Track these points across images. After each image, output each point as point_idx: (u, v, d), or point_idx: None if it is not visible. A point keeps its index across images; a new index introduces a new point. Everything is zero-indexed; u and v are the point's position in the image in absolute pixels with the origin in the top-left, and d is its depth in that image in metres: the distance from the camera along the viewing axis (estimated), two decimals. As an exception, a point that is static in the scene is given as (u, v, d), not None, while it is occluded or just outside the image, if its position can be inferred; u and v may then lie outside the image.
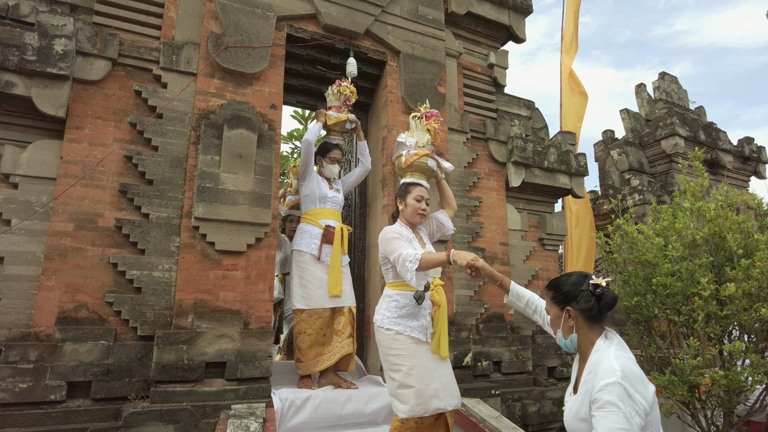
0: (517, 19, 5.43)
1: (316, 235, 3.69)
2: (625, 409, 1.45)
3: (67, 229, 3.19)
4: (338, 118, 3.94)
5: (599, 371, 1.57)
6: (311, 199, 3.84)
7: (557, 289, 1.81)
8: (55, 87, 3.20)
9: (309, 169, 3.86)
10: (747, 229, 3.45)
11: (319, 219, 3.76)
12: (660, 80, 9.69)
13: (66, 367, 2.98)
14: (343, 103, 4.00)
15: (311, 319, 3.56)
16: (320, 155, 3.99)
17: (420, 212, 2.91)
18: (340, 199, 3.95)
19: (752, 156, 9.17)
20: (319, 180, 3.91)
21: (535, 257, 5.22)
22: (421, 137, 3.16)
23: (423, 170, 3.15)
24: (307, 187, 3.85)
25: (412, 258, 2.56)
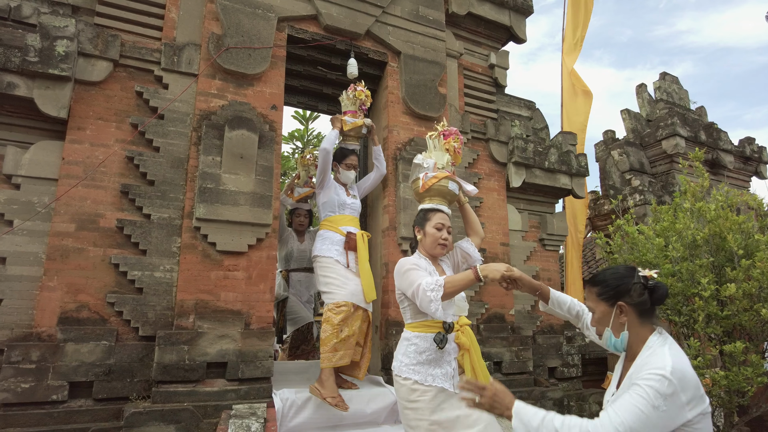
0: (518, 19, 5.44)
1: (338, 242, 3.63)
2: (655, 400, 1.37)
3: (69, 230, 3.20)
4: (355, 123, 3.87)
5: (650, 363, 1.48)
6: (330, 206, 3.77)
7: (605, 283, 1.67)
8: (57, 88, 3.21)
9: (327, 177, 3.77)
10: (747, 230, 3.45)
11: (340, 225, 3.69)
12: (661, 80, 9.69)
13: (68, 367, 2.99)
14: (358, 108, 3.93)
15: (337, 309, 3.39)
16: (336, 161, 3.90)
17: (441, 242, 2.48)
18: (358, 205, 3.90)
19: (753, 156, 9.16)
20: (336, 186, 3.84)
21: (536, 257, 5.22)
22: (440, 158, 2.81)
23: (443, 194, 2.72)
24: (325, 194, 3.78)
25: (433, 285, 2.16)
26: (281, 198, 4.63)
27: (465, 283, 2.14)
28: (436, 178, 2.69)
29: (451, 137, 2.90)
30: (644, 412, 1.38)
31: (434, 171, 2.75)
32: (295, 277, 4.83)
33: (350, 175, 3.91)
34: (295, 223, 4.92)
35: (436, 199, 2.72)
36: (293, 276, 4.83)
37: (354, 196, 3.92)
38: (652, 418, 1.37)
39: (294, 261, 4.83)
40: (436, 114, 4.57)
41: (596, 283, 1.71)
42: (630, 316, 1.62)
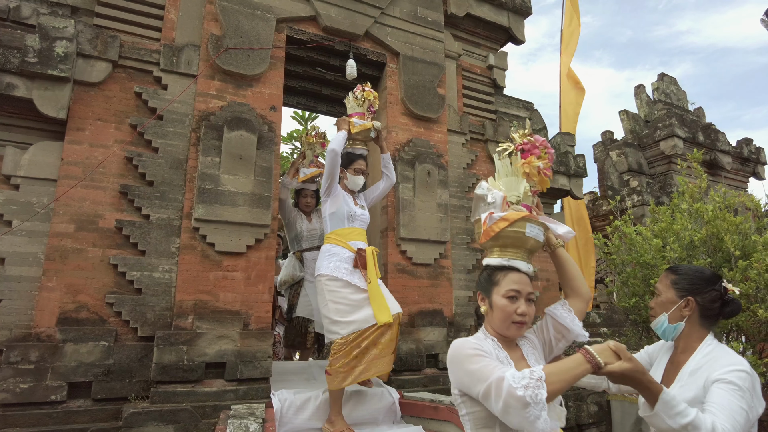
0: (517, 20, 5.45)
1: (346, 259, 3.31)
2: (750, 397, 1.46)
3: (68, 230, 3.20)
4: (363, 125, 3.56)
5: (722, 359, 1.57)
6: (339, 217, 3.45)
7: (684, 276, 1.75)
8: (56, 89, 3.21)
9: (335, 183, 3.48)
10: (745, 231, 3.46)
11: (349, 240, 3.37)
12: (659, 81, 9.71)
13: (67, 367, 2.99)
14: (366, 110, 3.67)
15: (346, 341, 3.13)
16: (343, 166, 3.59)
17: (517, 320, 1.62)
18: (367, 216, 3.61)
19: (751, 157, 9.19)
20: (344, 195, 3.52)
21: (535, 258, 5.20)
22: (514, 186, 1.84)
23: (520, 244, 1.75)
24: (334, 204, 3.46)
25: (527, 380, 1.37)
26: (283, 180, 4.45)
27: (576, 374, 1.39)
28: (506, 220, 1.71)
29: (534, 153, 1.85)
30: (744, 409, 1.45)
31: (504, 209, 1.78)
32: (309, 256, 4.50)
33: (359, 181, 3.63)
34: (302, 203, 4.68)
35: (509, 252, 1.75)
36: (307, 255, 4.52)
37: (362, 207, 3.62)
38: (749, 414, 1.46)
39: (306, 240, 4.58)
40: (434, 115, 4.58)
41: (676, 272, 1.78)
42: (693, 314, 1.70)
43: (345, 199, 3.49)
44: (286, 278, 4.23)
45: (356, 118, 3.62)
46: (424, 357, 4.07)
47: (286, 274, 4.24)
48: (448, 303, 4.36)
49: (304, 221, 4.62)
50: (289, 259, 4.43)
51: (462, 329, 4.30)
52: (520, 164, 1.83)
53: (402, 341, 3.99)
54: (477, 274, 4.68)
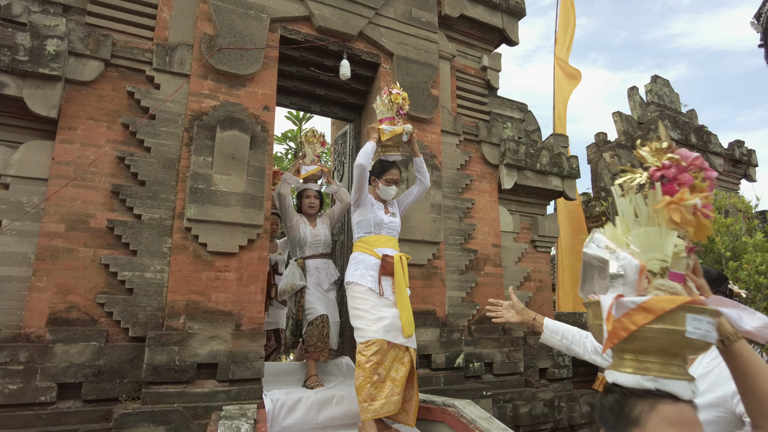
0: (511, 22, 5.47)
1: (372, 266, 3.26)
2: None
3: (59, 230, 3.18)
4: (393, 131, 3.39)
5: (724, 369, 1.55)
6: (365, 224, 3.41)
7: None
8: (47, 87, 3.19)
9: (363, 195, 3.41)
10: (735, 232, 3.49)
11: (375, 247, 3.33)
12: (652, 83, 9.77)
13: (57, 368, 2.97)
14: (396, 113, 3.46)
15: (367, 350, 3.08)
16: (375, 176, 3.52)
17: None
18: (396, 224, 3.52)
19: (743, 159, 9.26)
20: (374, 203, 3.46)
21: (528, 259, 5.25)
22: (655, 241, 1.01)
23: (676, 350, 0.94)
24: (361, 212, 3.42)
25: None
26: (285, 176, 4.28)
27: None
28: (650, 312, 0.92)
29: (683, 183, 1.04)
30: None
31: (641, 285, 0.99)
32: (312, 264, 4.18)
33: (391, 192, 3.51)
34: (305, 205, 4.34)
35: (655, 363, 0.95)
36: (310, 263, 4.17)
37: (393, 214, 3.54)
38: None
39: (309, 247, 4.21)
40: (428, 116, 4.59)
41: None
42: None
43: (373, 207, 3.43)
44: (285, 287, 4.05)
45: (386, 123, 3.42)
46: (417, 358, 4.07)
47: (286, 283, 4.04)
48: (441, 304, 4.36)
49: (307, 226, 4.24)
50: (289, 267, 4.15)
51: (455, 330, 4.31)
52: (664, 203, 1.02)
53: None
54: (470, 275, 4.69)
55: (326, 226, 4.34)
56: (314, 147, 4.49)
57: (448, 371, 4.18)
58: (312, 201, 4.33)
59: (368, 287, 3.20)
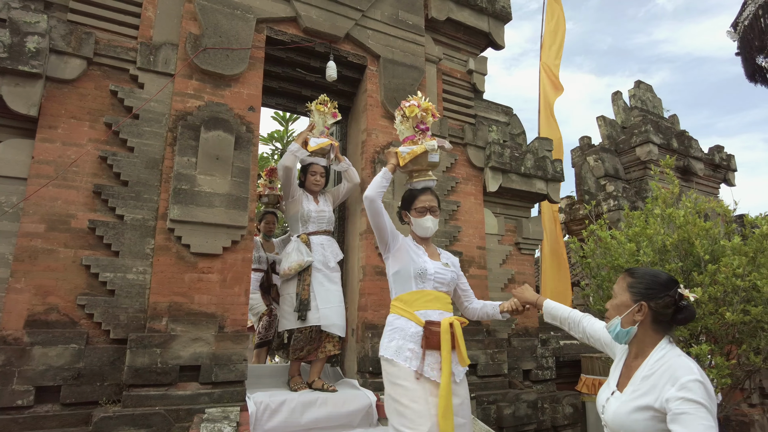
0: (497, 26, 5.51)
1: (412, 336, 2.40)
2: (710, 407, 1.45)
3: (39, 230, 3.12)
4: (413, 152, 2.66)
5: (675, 367, 1.54)
6: (404, 277, 2.53)
7: (640, 280, 1.72)
8: (28, 85, 3.14)
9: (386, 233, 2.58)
10: (714, 235, 3.55)
11: (417, 309, 2.45)
12: (636, 88, 9.92)
13: (35, 371, 2.92)
14: (415, 129, 2.78)
15: None
16: (404, 209, 2.76)
17: None
18: (447, 276, 2.57)
19: (722, 164, 9.44)
20: (410, 246, 2.62)
21: (512, 261, 5.29)
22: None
23: None
24: (399, 260, 2.56)
25: None
26: (291, 147, 3.84)
27: None
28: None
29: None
30: (713, 425, 1.44)
31: None
32: (317, 240, 3.85)
33: (427, 223, 2.64)
34: (310, 181, 3.96)
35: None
36: (314, 239, 3.83)
37: (445, 265, 2.63)
38: (715, 423, 1.45)
39: (312, 223, 3.88)
40: (414, 118, 4.60)
41: (633, 275, 1.76)
42: (645, 318, 1.68)
43: (412, 253, 2.58)
44: (292, 265, 3.62)
45: (405, 145, 2.73)
46: (402, 359, 4.07)
47: (294, 260, 3.63)
48: (426, 305, 4.37)
49: (311, 202, 3.93)
50: (294, 243, 3.76)
51: (440, 332, 4.32)
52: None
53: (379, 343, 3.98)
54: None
55: (329, 203, 4.06)
56: (325, 117, 4.00)
57: (433, 373, 4.19)
58: (318, 179, 3.99)
59: (408, 367, 2.35)
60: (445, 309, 2.52)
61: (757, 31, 5.11)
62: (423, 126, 2.76)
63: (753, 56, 5.42)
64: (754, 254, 3.34)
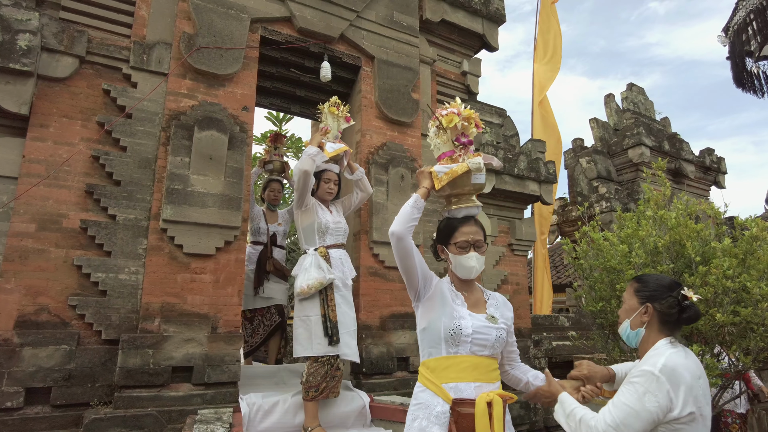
0: (491, 28, 5.53)
1: (437, 418, 1.84)
2: (644, 397, 1.54)
3: (29, 230, 3.09)
4: (453, 172, 2.04)
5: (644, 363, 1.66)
6: (433, 338, 1.93)
7: (645, 284, 1.83)
8: (18, 83, 3.11)
9: (418, 278, 2.02)
10: (705, 237, 3.58)
11: (445, 381, 1.87)
12: (628, 91, 9.99)
13: (24, 372, 2.89)
14: (455, 143, 2.16)
15: None
16: (441, 243, 2.12)
17: None
18: (492, 336, 1.92)
19: (713, 166, 9.53)
20: (450, 295, 2.00)
21: (505, 262, 5.31)
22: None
23: None
24: (428, 312, 1.97)
25: None
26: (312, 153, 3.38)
27: None
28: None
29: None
30: (633, 408, 1.55)
31: None
32: (335, 254, 3.49)
33: (470, 262, 2.00)
34: (323, 190, 3.58)
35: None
36: (332, 253, 3.47)
37: (491, 317, 1.97)
38: (640, 413, 1.54)
39: (330, 235, 3.51)
40: (409, 119, 4.61)
41: (639, 281, 1.87)
42: (651, 320, 1.78)
43: (448, 302, 1.96)
44: (313, 283, 3.20)
45: (440, 164, 2.14)
46: (395, 360, 4.08)
47: (314, 278, 3.21)
48: (419, 306, 4.37)
49: (326, 212, 3.57)
50: (311, 258, 3.32)
51: (433, 332, 4.33)
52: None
53: (373, 344, 3.99)
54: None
55: (341, 214, 3.72)
56: (339, 121, 3.72)
57: (426, 374, 4.19)
58: (332, 186, 3.64)
59: None
60: (486, 380, 1.89)
61: (747, 36, 5.17)
62: (465, 139, 2.19)
63: (742, 61, 5.48)
64: (744, 256, 3.37)
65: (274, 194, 5.03)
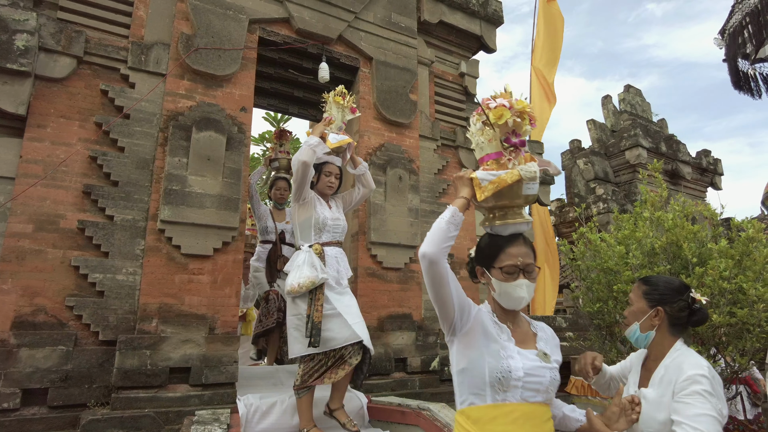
0: (489, 29, 5.54)
1: None
2: (713, 401, 1.53)
3: (26, 231, 3.09)
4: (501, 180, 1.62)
5: (685, 365, 1.64)
6: (475, 381, 1.58)
7: (655, 287, 1.82)
8: (16, 83, 3.10)
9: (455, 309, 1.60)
10: (701, 239, 3.60)
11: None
12: (625, 92, 10.02)
13: (21, 373, 2.88)
14: (504, 143, 1.70)
15: None
16: (482, 265, 1.72)
17: None
18: (546, 378, 1.57)
19: (709, 168, 9.56)
20: (493, 328, 1.63)
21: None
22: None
23: None
24: (468, 350, 1.62)
25: None
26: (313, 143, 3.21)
27: None
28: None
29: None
30: (712, 415, 1.53)
31: None
32: (331, 252, 3.33)
33: (523, 293, 1.63)
34: (323, 183, 3.41)
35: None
36: (328, 251, 3.31)
37: (543, 354, 1.63)
38: (717, 417, 1.54)
39: (327, 232, 3.36)
40: (407, 120, 4.62)
41: (647, 283, 1.86)
42: (662, 323, 1.78)
43: (492, 338, 1.60)
44: (303, 282, 3.06)
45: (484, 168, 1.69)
46: (393, 361, 4.08)
47: (305, 276, 3.08)
48: (417, 307, 4.39)
49: (324, 207, 3.41)
50: (304, 255, 3.18)
51: (431, 333, 4.33)
52: None
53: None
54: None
55: (341, 210, 3.55)
56: (344, 112, 3.55)
57: (424, 374, 4.20)
58: (333, 180, 3.46)
59: None
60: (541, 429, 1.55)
61: (743, 39, 5.18)
62: (517, 139, 1.73)
63: (738, 64, 5.50)
64: (740, 257, 3.39)
65: (280, 193, 4.93)
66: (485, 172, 1.67)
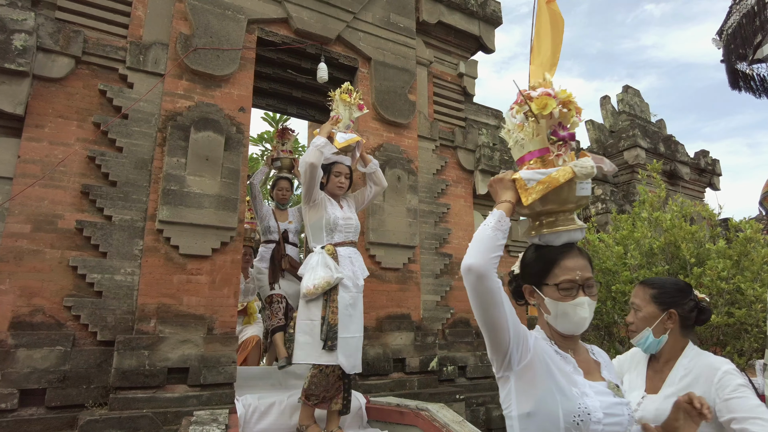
0: (487, 30, 5.55)
1: None
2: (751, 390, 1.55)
3: (24, 231, 3.08)
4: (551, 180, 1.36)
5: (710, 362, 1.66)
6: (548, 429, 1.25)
7: (664, 289, 1.79)
8: (14, 83, 3.10)
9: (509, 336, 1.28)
10: (699, 239, 3.61)
11: None
12: (624, 93, 10.03)
13: (19, 374, 2.87)
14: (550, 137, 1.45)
15: None
16: (531, 282, 1.46)
17: None
18: (625, 417, 1.28)
19: (708, 168, 9.58)
20: (557, 360, 1.32)
21: (501, 263, 5.30)
22: None
23: None
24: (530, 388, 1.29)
25: None
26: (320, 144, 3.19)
27: None
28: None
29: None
30: (761, 404, 1.53)
31: None
32: (344, 252, 3.29)
33: (585, 313, 1.34)
34: (333, 183, 3.38)
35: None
36: (341, 251, 3.27)
37: (613, 387, 1.35)
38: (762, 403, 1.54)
39: (339, 232, 3.32)
40: (405, 121, 4.62)
41: (653, 286, 1.80)
42: (675, 325, 1.76)
43: (557, 371, 1.30)
44: (319, 283, 3.03)
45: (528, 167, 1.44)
46: (391, 361, 4.08)
47: (321, 277, 3.03)
48: (416, 307, 4.38)
49: (335, 207, 3.36)
50: (318, 256, 3.15)
51: (429, 333, 4.33)
52: None
53: (369, 346, 3.99)
54: (445, 279, 4.73)
55: (353, 209, 3.50)
56: (351, 109, 3.49)
57: (422, 375, 4.20)
58: (343, 180, 3.41)
59: None
60: None
61: (740, 39, 5.19)
62: (565, 132, 1.49)
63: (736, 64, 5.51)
64: (739, 258, 3.40)
65: (282, 193, 4.88)
66: (531, 171, 1.41)
